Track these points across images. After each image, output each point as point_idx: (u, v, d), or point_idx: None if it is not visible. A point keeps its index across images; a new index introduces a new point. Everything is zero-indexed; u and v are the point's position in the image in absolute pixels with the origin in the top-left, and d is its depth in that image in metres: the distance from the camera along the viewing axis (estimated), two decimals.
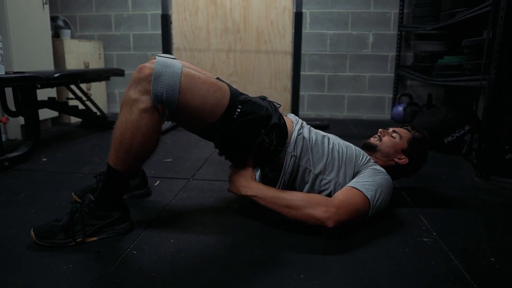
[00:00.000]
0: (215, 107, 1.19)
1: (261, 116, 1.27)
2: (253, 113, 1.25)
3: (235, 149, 1.35)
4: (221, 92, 1.20)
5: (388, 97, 3.77)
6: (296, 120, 1.46)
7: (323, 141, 1.42)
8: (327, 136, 1.47)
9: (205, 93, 1.17)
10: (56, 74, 2.35)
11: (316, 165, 1.38)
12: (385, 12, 3.61)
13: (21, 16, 2.65)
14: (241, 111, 1.22)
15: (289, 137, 1.37)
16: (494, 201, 1.61)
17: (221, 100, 1.19)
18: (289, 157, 1.35)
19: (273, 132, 1.29)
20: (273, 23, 3.56)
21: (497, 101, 1.82)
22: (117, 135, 1.15)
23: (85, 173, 1.90)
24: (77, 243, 1.16)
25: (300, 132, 1.39)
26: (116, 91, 4.02)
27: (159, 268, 1.05)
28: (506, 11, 1.73)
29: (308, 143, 1.39)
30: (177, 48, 3.58)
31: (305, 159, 1.37)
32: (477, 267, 1.07)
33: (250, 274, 1.03)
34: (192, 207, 1.50)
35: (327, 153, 1.39)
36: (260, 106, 1.28)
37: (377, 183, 1.30)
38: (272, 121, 1.29)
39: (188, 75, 1.15)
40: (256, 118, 1.26)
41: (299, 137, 1.37)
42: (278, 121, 1.31)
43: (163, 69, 1.12)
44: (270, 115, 1.30)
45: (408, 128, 1.59)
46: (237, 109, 1.21)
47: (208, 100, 1.17)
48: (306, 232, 1.27)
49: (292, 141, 1.36)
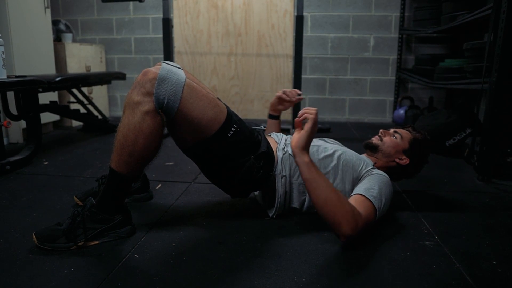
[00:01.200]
0: (212, 121, 1.21)
1: (253, 141, 1.31)
2: (246, 135, 1.29)
3: (222, 172, 1.34)
4: (219, 109, 1.23)
5: (389, 100, 3.77)
6: (279, 139, 1.46)
7: (312, 153, 1.39)
8: (316, 145, 1.45)
9: (204, 106, 1.19)
10: (58, 78, 2.36)
11: None
12: (386, 15, 3.61)
13: (23, 20, 2.66)
14: (236, 131, 1.25)
15: (276, 159, 1.37)
16: (496, 204, 1.60)
17: (218, 116, 1.22)
18: (279, 179, 1.36)
19: (262, 159, 1.31)
20: (274, 27, 3.57)
21: (499, 104, 1.82)
22: (119, 137, 1.16)
23: (87, 176, 1.90)
24: (78, 247, 1.16)
25: (285, 151, 1.39)
26: (118, 95, 4.03)
27: (161, 272, 1.05)
28: (507, 14, 1.73)
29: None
30: (178, 51, 3.59)
31: (296, 175, 1.38)
32: (479, 271, 1.07)
33: (252, 277, 1.02)
34: (194, 211, 1.50)
35: (319, 162, 1.38)
36: (252, 130, 1.34)
37: (383, 192, 1.29)
38: (261, 149, 1.32)
39: (191, 86, 1.18)
40: (248, 142, 1.30)
41: (285, 156, 1.38)
42: (266, 149, 1.33)
43: (168, 75, 1.14)
44: (260, 142, 1.34)
45: (409, 129, 1.59)
46: (232, 128, 1.24)
47: (206, 113, 1.19)
48: (307, 236, 1.27)
49: (279, 162, 1.37)
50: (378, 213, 1.23)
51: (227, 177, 1.34)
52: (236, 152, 1.28)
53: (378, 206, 1.23)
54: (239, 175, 1.29)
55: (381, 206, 1.25)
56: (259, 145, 1.33)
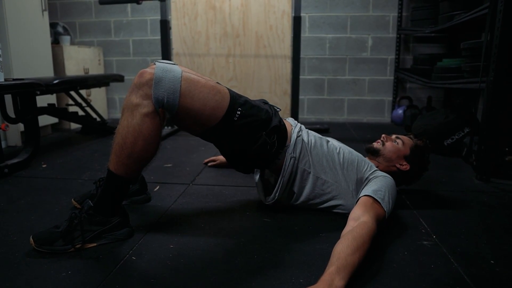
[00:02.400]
0: (215, 109, 1.20)
1: (261, 119, 1.28)
2: (253, 115, 1.27)
3: (237, 152, 1.34)
4: (220, 95, 1.22)
5: (388, 100, 3.78)
6: (295, 124, 1.47)
7: (322, 144, 1.43)
8: (326, 139, 1.49)
9: (205, 96, 1.19)
10: (56, 81, 2.36)
11: (315, 167, 1.39)
12: (383, 16, 3.62)
13: (21, 23, 2.66)
14: (241, 114, 1.24)
15: (289, 139, 1.38)
16: (494, 204, 1.60)
17: (221, 103, 1.21)
18: (289, 158, 1.36)
19: (274, 134, 1.31)
20: (272, 28, 3.57)
21: (496, 103, 1.82)
22: (118, 139, 1.16)
23: (85, 179, 1.90)
24: (76, 250, 1.16)
25: (300, 134, 1.41)
26: (116, 97, 4.03)
27: (159, 274, 1.04)
28: (503, 14, 1.73)
29: (307, 145, 1.40)
30: (176, 53, 3.59)
31: (304, 161, 1.38)
32: (477, 270, 1.07)
33: (250, 279, 1.02)
34: (192, 212, 1.50)
35: (326, 155, 1.41)
36: (259, 108, 1.30)
37: (390, 194, 1.31)
38: (273, 123, 1.31)
39: (188, 79, 1.17)
40: (256, 121, 1.27)
41: (298, 139, 1.38)
42: (278, 123, 1.32)
43: (163, 74, 1.14)
44: (270, 118, 1.32)
45: (410, 136, 1.61)
46: (237, 112, 1.23)
47: (208, 103, 1.19)
48: (305, 237, 1.27)
49: (292, 143, 1.37)
50: (387, 215, 1.26)
51: (240, 155, 1.34)
52: (246, 132, 1.27)
53: (387, 209, 1.26)
54: (252, 150, 1.29)
55: (390, 209, 1.28)
56: (270, 121, 1.32)
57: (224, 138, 1.28)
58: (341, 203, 1.41)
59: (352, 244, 1.03)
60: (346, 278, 0.95)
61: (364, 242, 1.05)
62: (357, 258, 1.00)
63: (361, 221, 1.14)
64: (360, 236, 1.07)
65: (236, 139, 1.28)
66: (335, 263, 0.97)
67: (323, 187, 1.40)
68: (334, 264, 0.97)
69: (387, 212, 1.26)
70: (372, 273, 1.05)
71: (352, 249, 1.01)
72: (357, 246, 1.03)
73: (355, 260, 0.99)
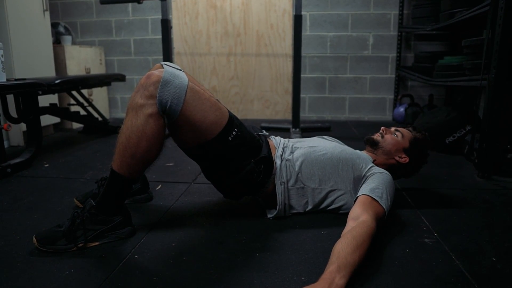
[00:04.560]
0: (214, 124, 1.22)
1: (253, 145, 1.33)
2: (246, 140, 1.30)
3: (223, 175, 1.34)
4: (220, 112, 1.25)
5: (389, 98, 3.77)
6: (278, 144, 1.46)
7: (309, 154, 1.41)
8: (315, 146, 1.45)
9: (207, 109, 1.21)
10: (57, 81, 2.36)
11: (309, 180, 1.39)
12: (384, 13, 3.61)
13: (22, 23, 2.67)
14: (237, 135, 1.27)
15: (274, 167, 1.38)
16: (496, 201, 1.60)
17: (220, 119, 1.24)
18: (279, 185, 1.37)
19: (262, 164, 1.33)
20: (273, 26, 3.57)
21: (498, 101, 1.82)
22: (122, 139, 1.17)
23: (87, 178, 1.91)
24: (78, 248, 1.17)
25: (283, 158, 1.40)
26: (118, 96, 4.04)
27: (161, 272, 1.05)
28: (505, 11, 1.73)
29: (294, 164, 1.39)
30: (177, 52, 3.59)
31: (293, 180, 1.39)
32: (479, 268, 1.07)
33: (252, 277, 1.03)
34: (194, 211, 1.50)
35: (317, 163, 1.40)
36: (252, 135, 1.35)
37: (388, 191, 1.31)
38: (262, 154, 1.33)
39: (193, 89, 1.19)
40: (248, 145, 1.31)
41: (282, 164, 1.39)
42: (267, 154, 1.34)
43: (171, 78, 1.15)
44: (261, 147, 1.36)
45: (409, 129, 1.60)
46: (233, 132, 1.26)
47: (208, 116, 1.21)
48: (307, 235, 1.28)
49: (277, 169, 1.38)
50: (386, 213, 1.26)
51: (226, 178, 1.34)
52: (236, 155, 1.29)
53: (386, 207, 1.26)
54: (238, 177, 1.30)
55: (388, 206, 1.28)
56: (260, 149, 1.35)
57: (214, 155, 1.28)
58: (342, 204, 1.40)
59: (351, 243, 1.03)
60: (347, 276, 0.95)
61: (364, 241, 1.05)
62: (357, 257, 1.00)
63: (361, 220, 1.15)
64: (359, 235, 1.07)
65: (225, 160, 1.29)
66: (336, 261, 0.97)
67: (321, 195, 1.40)
68: (335, 262, 0.97)
69: (386, 209, 1.26)
70: (373, 271, 1.05)
71: (352, 248, 1.01)
72: (357, 245, 1.03)
73: (355, 259, 0.99)
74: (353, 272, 0.97)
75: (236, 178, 1.31)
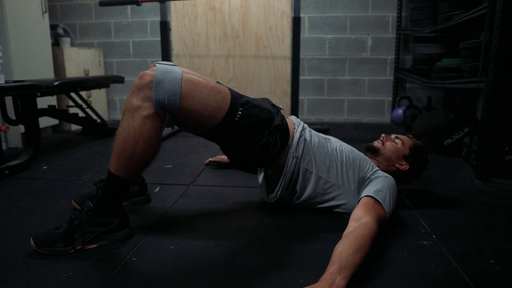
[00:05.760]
0: (216, 110, 1.21)
1: (263, 118, 1.29)
2: (254, 115, 1.27)
3: (239, 151, 1.34)
4: (221, 96, 1.23)
5: (387, 100, 3.78)
6: (298, 122, 1.47)
7: (325, 144, 1.44)
8: (329, 138, 1.50)
9: (206, 97, 1.19)
10: (56, 82, 2.36)
11: (318, 167, 1.40)
12: (383, 16, 3.62)
13: (21, 25, 2.67)
14: (242, 114, 1.25)
15: (291, 139, 1.38)
16: (494, 203, 1.60)
17: (222, 104, 1.22)
18: (291, 158, 1.37)
19: (277, 133, 1.31)
20: (272, 28, 3.58)
21: (496, 103, 1.82)
22: (119, 141, 1.16)
23: (86, 180, 1.91)
24: (76, 251, 1.16)
25: (302, 134, 1.41)
26: (116, 98, 4.04)
27: (159, 275, 1.05)
28: (502, 14, 1.73)
29: (310, 145, 1.40)
30: (176, 54, 3.59)
31: (306, 161, 1.39)
32: (477, 270, 1.07)
33: (250, 279, 1.03)
34: (192, 213, 1.50)
35: (329, 155, 1.42)
36: (261, 108, 1.31)
37: (391, 195, 1.31)
38: (275, 123, 1.31)
39: (188, 80, 1.18)
40: (258, 121, 1.28)
41: (301, 139, 1.39)
42: (280, 122, 1.32)
43: (163, 76, 1.14)
44: (273, 117, 1.32)
45: (410, 136, 1.62)
46: (238, 112, 1.24)
47: (209, 103, 1.19)
48: (305, 237, 1.27)
49: (294, 142, 1.37)
50: (388, 216, 1.27)
51: (243, 153, 1.33)
52: (248, 132, 1.27)
53: (388, 210, 1.27)
54: (254, 150, 1.29)
55: (390, 210, 1.29)
56: (272, 120, 1.32)
57: (225, 138, 1.29)
58: (342, 203, 1.41)
59: (353, 244, 1.03)
60: (347, 278, 0.95)
61: (365, 243, 1.05)
62: (358, 259, 1.00)
63: (363, 222, 1.15)
64: (361, 236, 1.07)
65: (238, 139, 1.29)
66: (337, 262, 0.97)
67: (325, 187, 1.41)
68: (336, 263, 0.97)
69: (388, 213, 1.26)
70: (372, 273, 1.05)
71: (353, 250, 1.01)
72: (359, 246, 1.03)
73: (356, 261, 0.99)
74: (354, 273, 0.98)
75: (252, 152, 1.30)
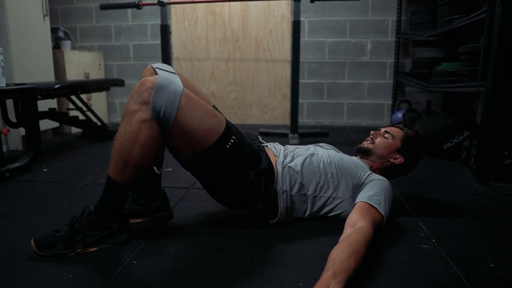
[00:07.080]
0: (210, 132, 1.19)
1: (252, 156, 1.29)
2: (245, 149, 1.27)
3: (219, 185, 1.31)
4: (217, 119, 1.22)
5: (387, 104, 3.79)
6: (278, 152, 1.44)
7: (311, 161, 1.41)
8: (314, 153, 1.45)
9: (202, 116, 1.18)
10: (57, 85, 2.37)
11: (309, 187, 1.39)
12: (382, 20, 3.63)
13: (22, 28, 2.68)
14: (234, 143, 1.23)
15: (276, 175, 1.35)
16: (493, 207, 1.61)
17: (217, 127, 1.21)
18: (281, 194, 1.35)
19: (262, 176, 1.29)
20: (271, 32, 3.59)
21: (495, 107, 1.83)
22: (116, 145, 1.16)
23: (86, 183, 1.91)
24: (77, 254, 1.16)
25: (285, 164, 1.39)
26: (117, 101, 4.04)
27: (159, 278, 1.05)
28: (501, 18, 1.74)
29: (295, 169, 1.38)
30: (176, 57, 3.60)
31: (296, 188, 1.38)
32: (476, 274, 1.08)
33: (250, 283, 1.03)
34: (192, 217, 1.50)
35: (318, 171, 1.39)
36: (250, 145, 1.32)
37: (386, 198, 1.31)
38: (262, 166, 1.30)
39: (188, 96, 1.17)
40: (247, 156, 1.28)
41: (285, 170, 1.37)
42: (267, 165, 1.31)
43: (165, 84, 1.13)
44: (260, 158, 1.33)
45: (400, 126, 1.59)
46: (230, 139, 1.23)
47: (204, 123, 1.18)
48: (305, 241, 1.28)
49: (279, 177, 1.36)
50: (385, 220, 1.26)
51: (225, 190, 1.31)
52: (235, 165, 1.25)
53: (384, 213, 1.26)
54: (240, 190, 1.27)
55: (387, 213, 1.28)
56: (260, 160, 1.32)
57: (211, 166, 1.25)
58: (341, 212, 1.40)
59: (347, 249, 1.03)
60: (342, 282, 0.95)
61: (360, 247, 1.05)
62: (353, 263, 1.00)
63: (357, 226, 1.15)
64: (355, 241, 1.07)
65: (224, 169, 1.25)
66: (331, 268, 0.97)
67: (321, 202, 1.40)
68: (330, 269, 0.97)
69: (384, 216, 1.26)
70: (371, 277, 1.06)
71: (347, 254, 1.01)
72: (353, 251, 1.03)
73: (351, 265, 0.99)
74: (349, 278, 0.97)
75: (237, 193, 1.28)
